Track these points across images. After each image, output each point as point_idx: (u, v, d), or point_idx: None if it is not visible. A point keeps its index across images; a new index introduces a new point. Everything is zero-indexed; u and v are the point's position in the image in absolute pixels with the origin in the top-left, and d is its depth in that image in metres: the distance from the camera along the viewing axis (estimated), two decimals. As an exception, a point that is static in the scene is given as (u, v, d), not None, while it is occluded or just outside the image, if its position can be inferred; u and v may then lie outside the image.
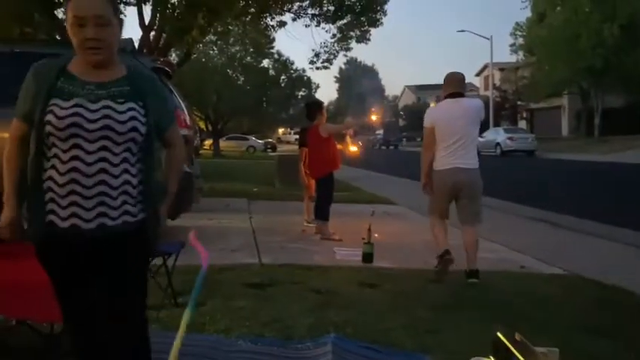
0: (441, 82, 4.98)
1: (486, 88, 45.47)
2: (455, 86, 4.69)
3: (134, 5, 12.61)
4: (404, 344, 3.00)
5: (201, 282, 1.76)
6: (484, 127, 34.38)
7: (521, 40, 40.44)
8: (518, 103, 41.61)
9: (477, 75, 54.46)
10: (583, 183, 14.20)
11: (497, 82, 42.55)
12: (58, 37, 12.42)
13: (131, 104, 1.76)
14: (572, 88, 34.79)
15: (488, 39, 36.47)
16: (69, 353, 2.67)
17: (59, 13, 13.37)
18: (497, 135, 29.85)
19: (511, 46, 42.30)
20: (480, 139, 32.25)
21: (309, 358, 2.48)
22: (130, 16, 14.71)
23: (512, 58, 43.83)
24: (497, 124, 35.56)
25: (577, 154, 25.41)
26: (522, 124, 42.34)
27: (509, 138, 28.99)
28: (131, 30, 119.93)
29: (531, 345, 1.90)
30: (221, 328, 3.10)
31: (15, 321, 2.58)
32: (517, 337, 1.90)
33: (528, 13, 37.94)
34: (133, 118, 1.74)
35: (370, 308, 3.64)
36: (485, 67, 47.76)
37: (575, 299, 4.09)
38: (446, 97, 4.66)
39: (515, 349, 1.82)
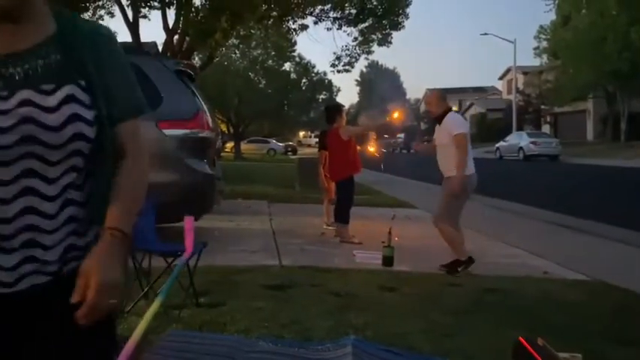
0: (464, 85, 5.24)
1: (509, 92, 45.00)
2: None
3: (158, 9, 12.80)
4: (423, 348, 2.99)
5: (178, 271, 1.65)
6: (507, 130, 34.13)
7: (545, 44, 39.95)
8: (542, 107, 41.07)
9: (500, 79, 53.92)
10: (607, 188, 13.94)
11: (521, 86, 42.06)
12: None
13: (67, 90, 1.05)
14: (598, 92, 34.21)
15: (511, 42, 36.10)
16: None
17: (86, 17, 13.64)
18: (521, 139, 29.48)
19: (535, 49, 41.86)
20: (503, 144, 31.90)
21: (329, 360, 2.49)
22: (154, 20, 14.90)
23: (536, 62, 43.34)
24: (520, 128, 35.14)
25: (602, 159, 24.95)
26: (546, 128, 41.77)
27: (533, 142, 28.60)
28: (155, 34, 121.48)
29: (554, 350, 1.88)
30: (241, 329, 3.13)
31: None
32: (539, 341, 1.88)
33: (553, 16, 37.51)
34: (73, 117, 1.05)
35: (389, 311, 3.63)
36: (508, 70, 47.29)
37: (598, 305, 4.02)
38: (450, 111, 5.12)
39: (537, 353, 1.80)
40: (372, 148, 7.24)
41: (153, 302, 1.31)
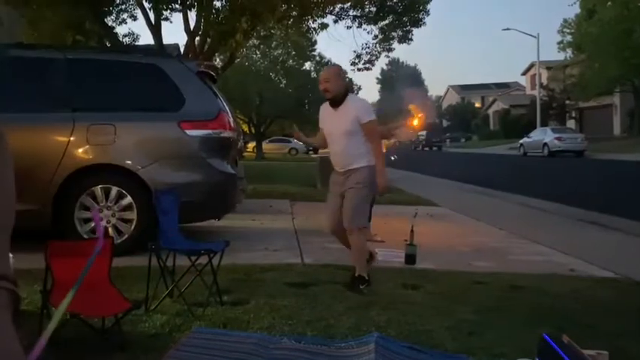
0: (486, 81, 4.94)
1: (533, 88, 44.36)
2: None
3: (180, 11, 12.93)
4: (447, 345, 2.97)
5: (90, 263, 1.63)
6: (531, 126, 33.64)
7: (569, 38, 39.25)
8: (567, 102, 40.39)
9: (523, 74, 53.20)
10: (634, 184, 13.64)
11: (545, 81, 41.42)
12: (107, 44, 12.87)
13: None
14: (624, 86, 33.49)
15: (534, 37, 35.61)
16: (117, 348, 2.78)
17: (109, 21, 13.86)
18: (545, 135, 29.02)
19: (559, 43, 41.15)
20: (527, 140, 31.44)
21: (353, 357, 2.49)
22: (175, 22, 15.10)
23: (560, 56, 42.64)
24: (544, 124, 34.61)
25: (629, 155, 24.40)
26: (571, 123, 41.07)
27: (558, 138, 28.13)
28: (177, 36, 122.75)
29: (579, 348, 1.86)
30: (264, 326, 3.15)
31: (69, 314, 2.69)
32: (564, 338, 1.86)
33: (577, 10, 36.86)
34: None
35: (412, 309, 3.61)
36: (531, 65, 46.61)
37: (626, 303, 3.94)
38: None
39: (562, 350, 1.78)
40: (386, 141, 7.17)
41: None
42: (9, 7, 10.91)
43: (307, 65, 36.46)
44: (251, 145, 35.95)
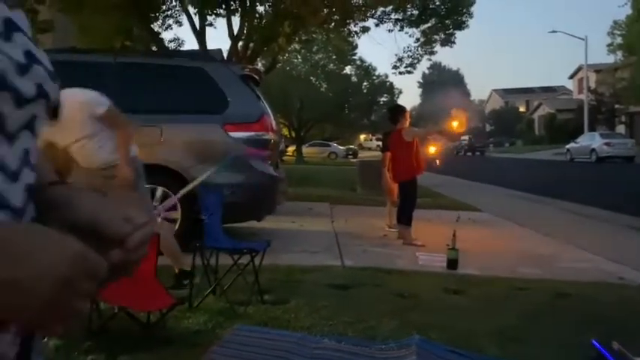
0: (531, 85, 4.81)
1: (580, 92, 43.08)
2: None
3: (224, 17, 13.18)
4: (489, 351, 2.92)
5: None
6: (579, 131, 32.63)
7: (619, 40, 37.87)
8: (616, 106, 38.98)
9: (570, 77, 51.70)
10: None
11: (593, 85, 40.15)
12: (154, 48, 13.23)
13: None
14: (679, 90, 32.10)
15: (582, 39, 34.59)
16: (162, 342, 2.85)
17: (155, 27, 14.24)
18: (593, 140, 28.11)
19: (608, 46, 39.72)
20: (574, 145, 30.48)
21: (394, 359, 2.48)
22: (219, 28, 15.35)
23: (610, 59, 41.18)
24: (592, 129, 33.52)
25: (684, 161, 23.39)
26: (620, 128, 39.61)
27: (606, 144, 27.19)
28: (219, 41, 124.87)
29: (630, 354, 1.79)
30: (305, 326, 3.17)
31: (117, 308, 2.78)
32: (614, 345, 1.80)
33: (628, 11, 35.54)
34: None
35: (454, 313, 3.57)
36: (579, 68, 45.27)
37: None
38: None
39: (613, 357, 1.72)
40: (433, 149, 7.11)
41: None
42: (61, 14, 11.36)
43: (348, 69, 36.53)
44: (291, 148, 36.23)
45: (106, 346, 2.72)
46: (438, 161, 7.06)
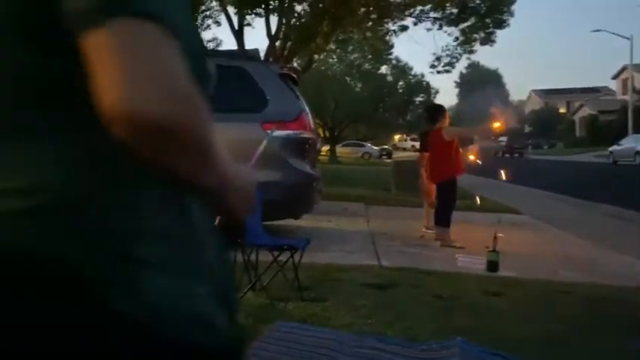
0: (571, 85, 4.68)
1: (624, 92, 41.78)
2: None
3: (262, 16, 13.30)
4: (532, 354, 2.87)
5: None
6: (622, 133, 31.63)
7: (667, 39, 36.59)
8: (663, 107, 37.67)
9: (614, 78, 50.24)
10: None
11: (638, 85, 38.86)
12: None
13: None
14: None
15: (628, 38, 33.53)
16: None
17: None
18: (638, 143, 27.22)
19: (655, 45, 38.45)
20: (617, 147, 29.64)
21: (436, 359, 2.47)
22: (256, 28, 15.51)
23: (656, 59, 39.85)
24: (637, 131, 32.44)
25: None
26: (667, 131, 38.25)
27: (651, 146, 26.32)
28: (256, 42, 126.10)
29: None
30: (344, 323, 3.18)
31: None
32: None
33: (676, 9, 34.25)
34: None
35: (495, 316, 3.52)
36: (623, 68, 43.95)
37: None
38: None
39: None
40: (472, 156, 6.98)
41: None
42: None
43: (383, 69, 36.35)
44: (325, 148, 36.28)
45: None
46: (479, 161, 6.94)
